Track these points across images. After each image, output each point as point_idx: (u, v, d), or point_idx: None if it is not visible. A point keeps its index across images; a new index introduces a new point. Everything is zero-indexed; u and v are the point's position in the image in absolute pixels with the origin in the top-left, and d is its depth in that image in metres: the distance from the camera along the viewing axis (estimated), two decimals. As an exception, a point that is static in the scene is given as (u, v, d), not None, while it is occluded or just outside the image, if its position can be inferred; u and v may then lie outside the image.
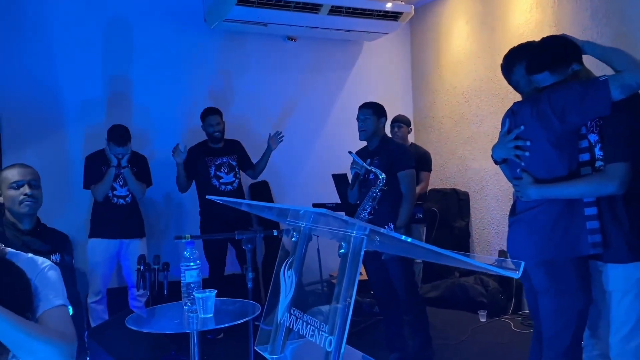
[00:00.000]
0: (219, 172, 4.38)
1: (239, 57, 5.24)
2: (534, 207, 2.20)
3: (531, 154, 2.21)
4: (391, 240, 1.19)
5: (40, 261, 1.65)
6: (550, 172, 2.15)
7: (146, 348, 3.44)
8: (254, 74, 5.31)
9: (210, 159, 4.41)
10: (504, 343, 4.01)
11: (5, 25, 4.32)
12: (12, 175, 2.32)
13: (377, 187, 3.24)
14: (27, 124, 4.44)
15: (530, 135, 2.20)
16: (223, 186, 4.39)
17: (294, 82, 5.50)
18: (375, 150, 3.50)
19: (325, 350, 1.12)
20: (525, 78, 2.31)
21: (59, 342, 1.43)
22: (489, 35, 5.05)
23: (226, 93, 5.18)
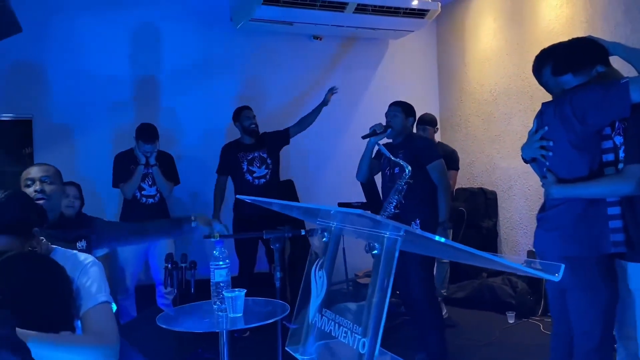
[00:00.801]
0: (251, 167, 4.43)
1: (265, 57, 5.26)
2: (558, 204, 2.23)
3: (554, 154, 2.24)
4: (424, 241, 1.18)
5: (83, 257, 1.68)
6: (572, 172, 2.17)
7: (174, 345, 3.48)
8: (279, 74, 5.32)
9: (242, 155, 4.45)
10: (532, 345, 3.94)
11: (37, 30, 4.40)
12: (27, 173, 2.38)
13: (402, 179, 3.22)
14: (58, 125, 4.53)
15: (553, 135, 2.23)
16: (257, 180, 4.43)
17: (320, 81, 5.49)
18: (400, 145, 3.48)
19: (358, 352, 1.11)
20: (553, 79, 2.33)
21: (96, 346, 1.45)
22: (518, 32, 4.97)
23: (252, 92, 5.20)
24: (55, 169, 2.44)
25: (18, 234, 1.54)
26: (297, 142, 5.26)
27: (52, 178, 2.40)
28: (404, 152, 3.39)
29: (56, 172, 2.44)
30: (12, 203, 1.56)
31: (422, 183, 3.35)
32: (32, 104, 4.49)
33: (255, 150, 4.46)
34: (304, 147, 5.35)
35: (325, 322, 1.28)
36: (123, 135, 4.49)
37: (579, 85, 2.17)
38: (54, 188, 2.38)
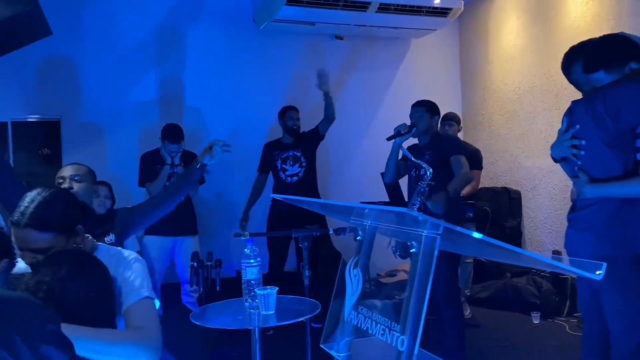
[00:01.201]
0: (284, 165, 4.50)
1: (287, 57, 5.29)
2: (591, 204, 2.20)
3: (586, 153, 2.20)
4: (459, 238, 1.18)
5: (127, 254, 1.72)
6: (605, 171, 2.14)
7: (199, 344, 3.53)
8: (301, 74, 5.34)
9: (278, 153, 4.53)
10: (558, 346, 3.90)
11: (65, 32, 4.48)
12: (60, 172, 2.45)
13: (424, 181, 3.18)
14: (86, 125, 4.62)
15: (585, 134, 2.20)
16: (289, 178, 4.50)
17: (342, 81, 5.50)
18: (427, 145, 3.45)
19: (397, 350, 1.12)
20: (584, 77, 2.30)
21: (138, 341, 1.47)
22: (542, 30, 4.92)
23: (275, 92, 5.23)
24: (87, 168, 2.50)
25: (62, 231, 1.58)
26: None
27: (81, 177, 2.45)
28: (430, 153, 3.37)
29: (88, 172, 2.49)
30: (57, 201, 1.60)
31: (446, 185, 3.26)
32: (60, 105, 4.58)
33: (290, 149, 4.53)
34: (326, 147, 5.35)
35: (362, 320, 1.29)
36: (149, 136, 4.56)
37: (612, 83, 2.13)
38: (82, 186, 2.43)
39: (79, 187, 2.41)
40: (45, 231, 1.54)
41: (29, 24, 3.28)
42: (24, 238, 1.51)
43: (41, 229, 1.53)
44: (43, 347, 1.14)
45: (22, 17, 3.06)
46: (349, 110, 5.50)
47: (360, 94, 5.58)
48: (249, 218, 4.53)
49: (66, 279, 1.44)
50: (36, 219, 1.53)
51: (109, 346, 1.43)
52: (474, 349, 3.82)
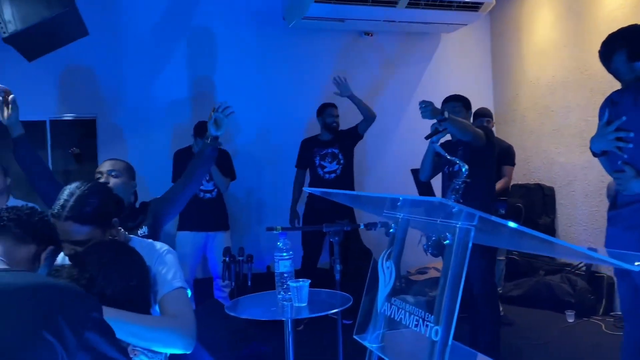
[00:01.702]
0: (323, 162, 4.54)
1: (317, 54, 5.30)
2: (636, 201, 2.11)
3: (635, 146, 2.11)
4: (496, 230, 1.18)
5: (159, 246, 1.77)
6: None
7: (230, 338, 3.57)
8: (331, 71, 5.35)
9: (317, 150, 4.57)
10: (594, 345, 3.82)
11: (101, 34, 4.57)
12: (99, 167, 2.52)
13: (459, 179, 3.14)
14: (120, 123, 4.72)
15: (633, 126, 2.11)
16: (327, 175, 4.54)
17: (371, 77, 5.49)
18: (459, 141, 3.37)
19: (431, 340, 1.12)
20: (627, 65, 2.20)
21: (174, 328, 1.52)
22: (577, 22, 4.82)
23: (305, 89, 5.26)
24: (125, 164, 2.56)
25: (100, 224, 1.63)
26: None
27: (118, 172, 2.51)
28: (463, 148, 3.30)
29: (125, 167, 2.56)
30: (95, 194, 1.65)
31: (482, 181, 3.23)
32: (96, 104, 4.69)
33: (329, 147, 4.57)
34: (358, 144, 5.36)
35: (395, 311, 1.30)
36: (182, 133, 4.64)
37: None
38: (118, 181, 2.49)
39: (115, 182, 2.47)
40: (84, 224, 1.59)
41: (66, 25, 3.36)
42: (64, 230, 1.57)
43: (81, 222, 1.59)
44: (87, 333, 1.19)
45: (59, 19, 3.14)
46: (380, 106, 5.47)
47: (390, 90, 5.56)
48: (298, 214, 4.57)
49: (108, 269, 1.49)
50: (76, 212, 1.59)
51: (148, 330, 1.47)
52: (507, 347, 3.77)
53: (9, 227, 1.37)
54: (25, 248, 1.38)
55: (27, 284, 1.23)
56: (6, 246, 1.35)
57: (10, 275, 1.25)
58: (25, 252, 1.38)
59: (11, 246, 1.36)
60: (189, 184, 2.52)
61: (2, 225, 1.37)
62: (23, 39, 3.17)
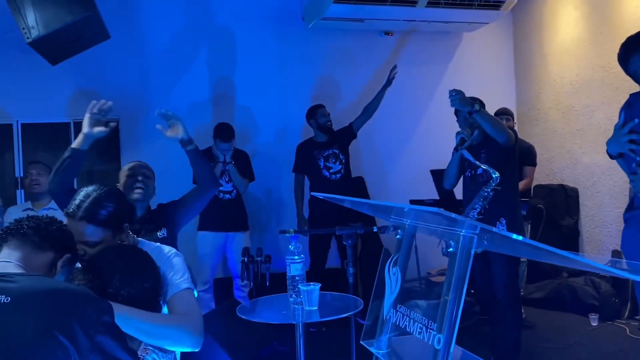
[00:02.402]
0: (328, 163, 4.52)
1: (337, 55, 5.30)
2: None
3: None
4: (501, 239, 1.16)
5: (167, 250, 1.82)
6: None
7: (250, 337, 3.60)
8: (351, 71, 5.35)
9: (318, 152, 4.54)
10: (617, 349, 3.75)
11: (122, 38, 4.65)
12: (129, 167, 2.60)
13: (489, 186, 3.08)
14: (142, 125, 4.79)
15: None
16: (333, 176, 4.53)
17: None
18: (480, 144, 3.30)
19: (433, 348, 1.12)
20: None
21: (183, 325, 1.56)
22: (601, 20, 4.72)
23: (325, 90, 5.26)
24: (151, 169, 2.64)
25: (113, 227, 1.68)
26: (369, 139, 5.28)
27: (150, 175, 2.59)
28: (486, 151, 3.23)
29: (152, 173, 2.66)
30: (111, 198, 1.70)
31: (508, 184, 3.16)
32: (119, 106, 4.75)
33: (329, 148, 4.55)
34: (375, 144, 5.34)
35: (400, 318, 1.30)
36: (202, 134, 4.67)
37: None
38: (151, 184, 2.56)
39: (149, 184, 2.56)
40: (98, 225, 1.64)
41: (88, 29, 3.44)
42: (77, 230, 1.61)
43: (95, 223, 1.64)
44: (98, 336, 1.23)
45: (81, 23, 3.21)
46: (400, 106, 5.46)
47: (411, 90, 5.52)
48: (306, 220, 4.57)
49: (123, 271, 1.54)
50: (91, 213, 1.64)
51: (158, 327, 1.52)
52: (529, 350, 3.73)
53: (28, 235, 1.43)
54: (43, 255, 1.43)
55: (43, 288, 1.27)
56: (25, 252, 1.40)
57: (27, 279, 1.30)
58: (43, 259, 1.43)
59: (30, 253, 1.41)
60: (202, 189, 2.57)
61: (22, 233, 1.42)
62: (46, 44, 3.25)
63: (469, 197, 3.29)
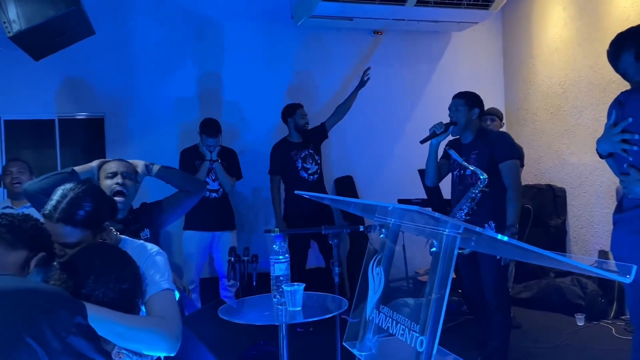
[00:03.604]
0: (305, 164, 4.49)
1: (326, 53, 5.27)
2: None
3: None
4: (486, 240, 1.14)
5: (149, 247, 1.76)
6: None
7: (236, 336, 3.56)
8: (340, 69, 5.32)
9: (295, 153, 4.49)
10: (604, 349, 3.76)
11: (107, 33, 4.59)
12: (109, 167, 2.45)
13: (476, 187, 3.05)
14: (128, 122, 4.74)
15: (639, 128, 2.05)
16: (311, 177, 4.48)
17: (380, 76, 5.43)
18: (472, 144, 3.25)
19: (416, 351, 1.09)
20: (635, 65, 2.15)
21: (158, 329, 1.51)
22: (590, 21, 4.73)
23: (313, 88, 5.24)
24: (133, 166, 2.51)
25: (92, 227, 1.63)
26: (357, 138, 5.26)
27: (130, 174, 2.46)
28: (477, 153, 3.18)
29: (134, 170, 2.52)
30: (89, 198, 1.64)
31: (498, 187, 3.12)
32: (104, 103, 4.71)
33: (305, 148, 4.51)
34: (364, 143, 5.32)
35: (383, 319, 1.27)
36: (189, 131, 4.64)
37: None
38: (132, 183, 2.46)
39: (130, 184, 2.46)
40: (76, 227, 1.59)
41: (72, 24, 3.37)
42: (55, 231, 1.56)
43: (73, 225, 1.58)
44: (70, 338, 1.19)
45: (64, 18, 3.14)
46: (389, 106, 5.44)
47: (400, 90, 5.51)
48: (285, 224, 4.52)
49: (99, 273, 1.49)
50: (68, 214, 1.58)
51: (131, 330, 1.47)
52: (516, 350, 3.72)
53: (0, 233, 1.37)
54: (14, 254, 1.38)
55: (10, 288, 1.22)
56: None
57: None
58: (14, 257, 1.38)
59: (1, 251, 1.36)
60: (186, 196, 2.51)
61: None
62: (28, 38, 3.18)
63: (457, 197, 3.26)
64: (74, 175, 2.32)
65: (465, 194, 3.15)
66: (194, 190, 2.53)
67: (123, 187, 2.36)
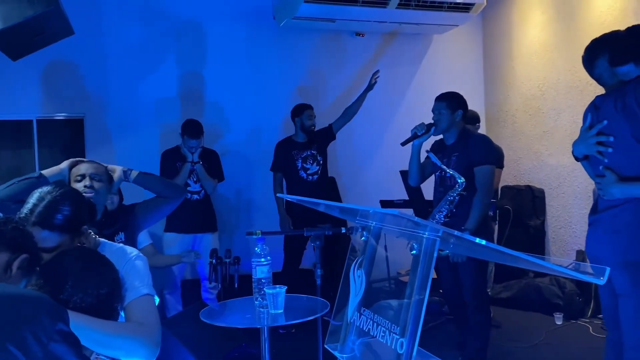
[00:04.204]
0: (305, 164, 4.50)
1: (308, 54, 5.28)
2: (617, 205, 2.11)
3: (615, 151, 2.11)
4: (464, 242, 1.16)
5: (129, 251, 1.73)
6: (636, 169, 2.05)
7: (218, 339, 3.55)
8: (322, 71, 5.33)
9: (296, 152, 4.51)
10: (581, 348, 3.82)
11: (87, 33, 4.54)
12: (77, 170, 2.35)
13: (454, 191, 3.07)
14: (108, 122, 4.69)
15: (614, 130, 2.10)
16: (310, 177, 4.51)
17: (362, 78, 5.45)
18: (453, 146, 3.26)
19: (396, 353, 1.10)
20: (609, 71, 2.19)
21: (137, 336, 1.49)
22: (567, 24, 4.81)
23: (295, 89, 5.24)
24: (104, 167, 2.43)
25: (69, 231, 1.59)
26: (340, 139, 5.26)
27: (101, 176, 2.36)
28: (457, 156, 3.18)
29: (105, 171, 2.42)
30: (66, 201, 1.60)
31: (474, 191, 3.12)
32: (84, 103, 4.66)
33: (308, 148, 4.53)
34: (346, 145, 5.33)
35: (364, 321, 1.28)
36: (170, 132, 4.60)
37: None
38: (102, 185, 2.39)
39: (99, 186, 2.39)
40: (53, 231, 1.55)
41: (51, 24, 3.32)
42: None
43: (50, 229, 1.55)
44: (52, 345, 1.17)
45: (43, 18, 3.09)
46: (371, 107, 5.46)
47: (381, 91, 5.53)
48: (289, 218, 4.50)
49: (77, 278, 1.46)
50: (45, 218, 1.55)
51: (110, 337, 1.44)
52: (496, 349, 3.77)
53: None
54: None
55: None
56: None
57: None
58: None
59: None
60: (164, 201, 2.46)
61: None
62: (6, 38, 3.13)
63: (438, 198, 3.28)
64: (42, 179, 2.22)
65: (445, 196, 3.18)
66: (173, 196, 2.49)
67: (91, 189, 2.26)
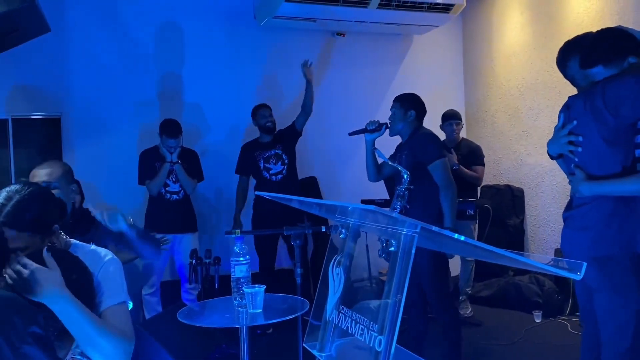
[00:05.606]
0: (267, 164, 4.46)
1: (289, 54, 5.26)
2: (587, 202, 2.15)
3: (584, 150, 2.16)
4: (442, 239, 1.16)
5: (103, 253, 1.67)
6: (603, 168, 2.09)
7: (198, 340, 3.51)
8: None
9: (258, 153, 4.48)
10: (560, 345, 3.87)
11: (64, 31, 4.47)
12: (32, 176, 2.24)
13: (402, 185, 3.06)
14: (86, 122, 4.61)
15: (583, 130, 2.15)
16: (274, 177, 4.46)
17: (343, 77, 5.47)
18: (404, 144, 3.30)
19: (374, 350, 1.09)
20: (581, 72, 2.24)
21: (121, 340, 1.46)
22: (546, 25, 4.87)
23: (275, 89, 5.21)
24: (61, 170, 2.29)
25: (39, 230, 1.54)
26: (320, 139, 5.26)
27: (55, 182, 2.21)
28: (406, 153, 3.20)
29: (62, 175, 2.27)
30: (35, 200, 1.56)
31: (426, 186, 3.09)
32: (61, 102, 4.58)
33: (271, 148, 4.49)
34: (327, 144, 5.33)
35: (343, 320, 1.27)
36: (149, 132, 4.55)
37: (611, 77, 2.08)
38: (56, 192, 2.21)
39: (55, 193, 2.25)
40: (22, 231, 1.50)
41: (26, 21, 3.27)
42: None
43: (18, 229, 1.49)
44: (25, 348, 1.15)
45: (18, 14, 3.04)
46: (351, 107, 5.47)
47: (362, 91, 5.55)
48: (241, 223, 4.51)
49: None
50: (13, 217, 1.50)
51: (97, 333, 1.41)
52: (475, 348, 3.80)
53: None
54: None
55: None
56: None
57: None
58: None
59: None
60: None
61: None
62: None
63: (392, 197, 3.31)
64: None
65: None
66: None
67: None
